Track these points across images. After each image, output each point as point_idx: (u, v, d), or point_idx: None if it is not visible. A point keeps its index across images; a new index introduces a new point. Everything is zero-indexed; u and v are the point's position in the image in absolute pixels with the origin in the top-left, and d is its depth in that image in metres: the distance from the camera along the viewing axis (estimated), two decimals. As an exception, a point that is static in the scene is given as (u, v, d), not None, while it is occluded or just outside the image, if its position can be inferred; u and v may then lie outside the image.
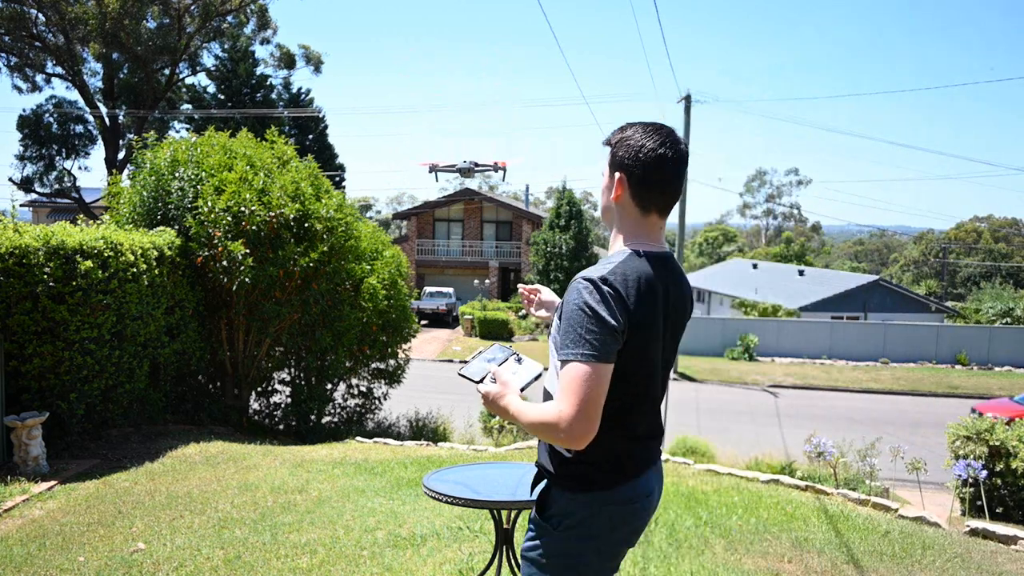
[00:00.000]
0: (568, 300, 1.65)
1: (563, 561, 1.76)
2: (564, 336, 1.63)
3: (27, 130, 27.68)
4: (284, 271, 8.08)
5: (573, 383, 1.59)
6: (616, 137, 1.78)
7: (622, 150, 1.76)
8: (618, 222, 1.80)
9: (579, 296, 1.63)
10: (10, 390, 5.91)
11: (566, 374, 1.61)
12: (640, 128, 1.77)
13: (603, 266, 1.69)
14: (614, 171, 1.77)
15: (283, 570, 3.70)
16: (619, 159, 1.76)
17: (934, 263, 55.91)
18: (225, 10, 28.57)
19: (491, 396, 1.79)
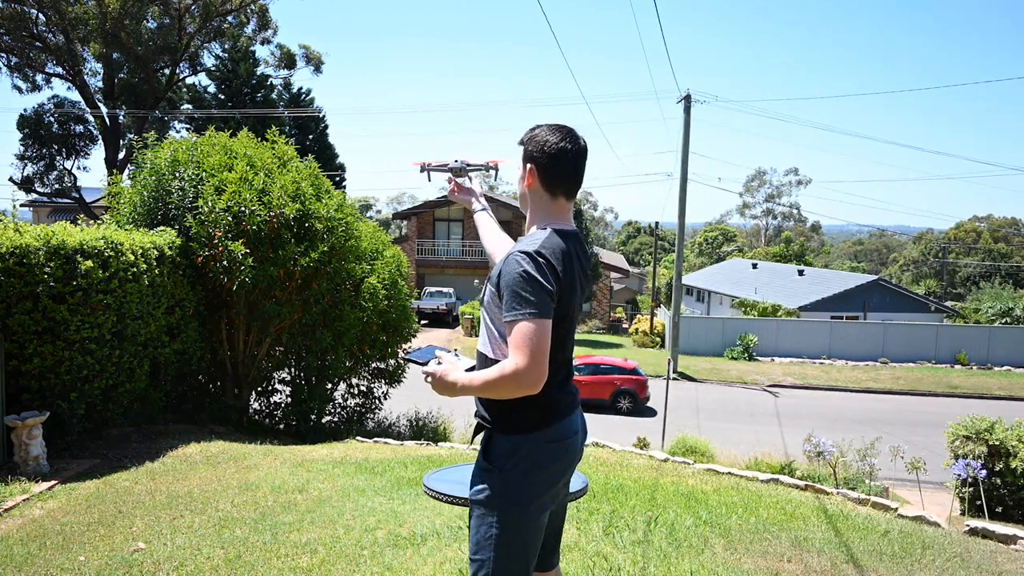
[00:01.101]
0: (508, 271, 1.92)
1: (510, 498, 1.99)
2: (510, 300, 1.90)
3: (27, 130, 27.66)
4: (284, 271, 8.08)
5: (524, 338, 1.86)
6: (527, 136, 2.10)
7: (531, 145, 2.08)
8: (532, 206, 2.11)
9: (519, 266, 1.91)
10: (10, 390, 5.91)
11: (517, 331, 1.87)
12: (546, 127, 2.09)
13: (533, 242, 1.97)
14: (526, 163, 2.09)
15: (283, 570, 3.71)
16: (529, 153, 2.09)
17: (934, 263, 55.90)
18: (225, 10, 28.58)
19: (438, 374, 2.00)
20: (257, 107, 30.75)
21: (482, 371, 1.98)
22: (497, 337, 2.03)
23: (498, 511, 1.99)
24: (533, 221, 2.11)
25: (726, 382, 21.34)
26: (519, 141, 2.13)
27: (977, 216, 65.25)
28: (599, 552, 4.01)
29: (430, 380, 2.02)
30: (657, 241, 35.56)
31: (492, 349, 2.04)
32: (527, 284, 1.89)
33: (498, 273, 1.98)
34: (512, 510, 1.99)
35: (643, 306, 39.98)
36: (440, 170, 2.61)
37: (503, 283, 1.94)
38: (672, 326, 23.50)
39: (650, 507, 5.12)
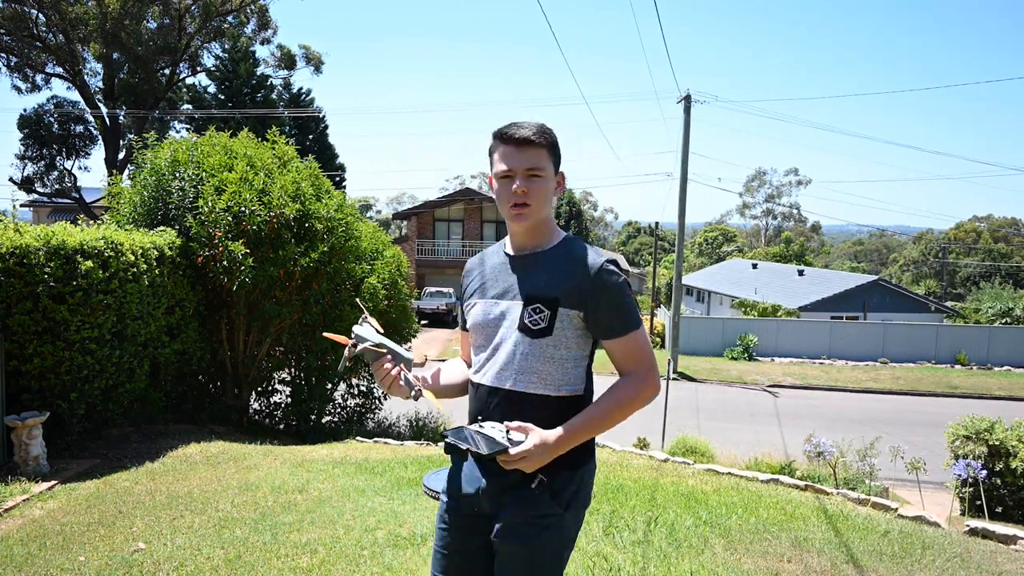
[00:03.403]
0: (607, 284, 1.82)
1: (572, 539, 1.87)
2: (623, 313, 1.84)
3: (27, 130, 27.67)
4: (284, 271, 8.08)
5: (646, 345, 1.88)
6: (552, 136, 1.88)
7: (558, 149, 1.91)
8: (550, 212, 1.94)
9: (618, 276, 1.84)
10: (10, 390, 5.91)
11: (640, 342, 1.86)
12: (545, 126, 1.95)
13: (600, 252, 1.91)
14: (556, 166, 1.91)
15: (283, 570, 3.71)
16: (559, 155, 1.93)
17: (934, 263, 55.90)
18: (225, 10, 28.58)
19: (534, 448, 1.72)
20: (257, 107, 30.74)
21: (602, 403, 1.82)
22: (570, 364, 1.84)
23: (564, 558, 1.84)
24: (552, 224, 1.95)
25: (726, 382, 21.34)
26: (546, 141, 1.85)
27: (977, 216, 65.27)
28: (599, 552, 4.01)
29: (524, 461, 1.72)
30: (657, 241, 35.57)
31: (557, 384, 1.83)
32: (630, 293, 1.87)
33: (582, 291, 1.81)
34: (568, 551, 1.86)
35: (643, 306, 39.98)
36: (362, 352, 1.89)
37: (604, 299, 1.81)
38: (672, 326, 23.50)
39: (650, 507, 5.12)
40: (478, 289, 1.97)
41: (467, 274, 2.06)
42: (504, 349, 1.85)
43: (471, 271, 2.04)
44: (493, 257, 2.00)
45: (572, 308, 1.81)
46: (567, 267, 1.84)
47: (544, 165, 1.83)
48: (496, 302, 1.90)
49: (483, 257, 2.05)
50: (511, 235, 1.97)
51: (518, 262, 1.91)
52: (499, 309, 1.88)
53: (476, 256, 2.10)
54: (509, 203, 1.82)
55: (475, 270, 2.03)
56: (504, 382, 1.83)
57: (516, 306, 1.85)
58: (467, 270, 2.07)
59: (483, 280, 1.97)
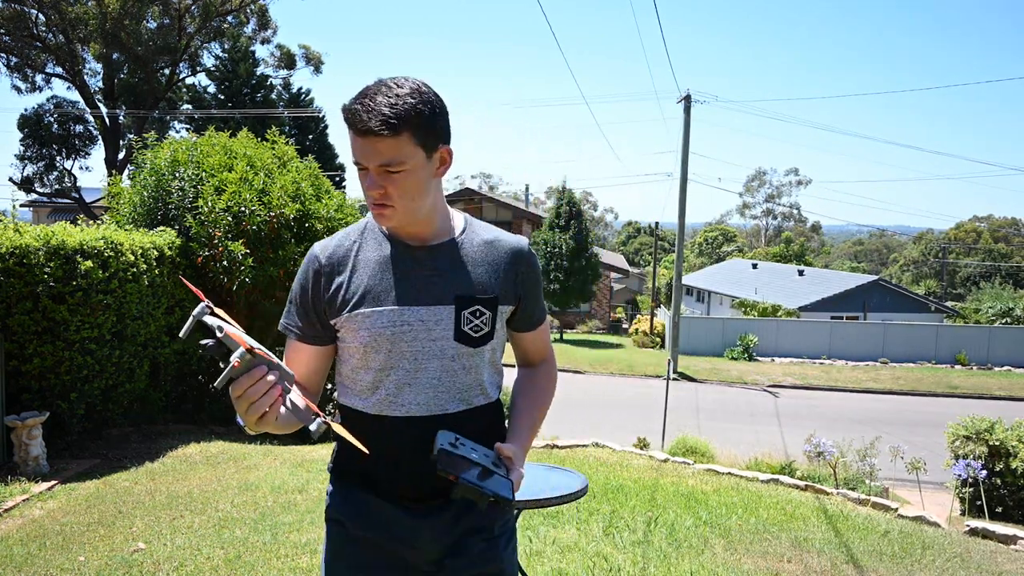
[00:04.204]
0: (533, 267, 1.63)
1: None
2: (540, 296, 1.67)
3: (27, 130, 27.67)
4: (284, 271, 8.08)
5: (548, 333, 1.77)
6: (427, 106, 1.40)
7: (443, 120, 1.44)
8: (437, 193, 1.51)
9: (537, 262, 1.68)
10: (10, 390, 5.91)
11: (547, 327, 1.74)
12: (423, 85, 1.44)
13: (509, 233, 1.68)
14: (437, 144, 1.44)
15: (283, 570, 3.70)
16: (443, 130, 1.45)
17: (934, 263, 55.90)
18: (225, 10, 28.59)
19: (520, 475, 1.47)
20: (257, 107, 30.75)
21: (535, 404, 1.65)
22: (499, 363, 1.63)
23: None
24: (442, 208, 1.55)
25: (726, 382, 21.34)
26: (403, 126, 1.36)
27: (977, 216, 65.28)
28: (599, 552, 4.01)
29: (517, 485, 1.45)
30: (657, 241, 35.57)
31: (493, 388, 1.60)
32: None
33: (516, 284, 1.58)
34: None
35: (643, 306, 39.98)
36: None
37: (534, 289, 1.63)
38: (672, 326, 23.50)
39: (650, 507, 5.11)
40: (365, 292, 1.48)
41: (325, 268, 1.52)
42: (432, 366, 1.48)
43: (334, 264, 1.52)
44: (371, 247, 1.53)
45: (507, 304, 1.56)
46: (493, 257, 1.56)
47: (402, 157, 1.38)
48: (409, 308, 1.47)
49: (345, 246, 1.54)
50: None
51: (423, 255, 1.51)
52: (416, 317, 1.47)
53: (328, 243, 1.56)
54: (369, 201, 1.45)
55: (342, 265, 1.52)
56: (445, 406, 1.49)
57: (443, 311, 1.48)
58: (325, 262, 1.53)
59: (368, 279, 1.49)
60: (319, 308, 1.53)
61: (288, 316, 1.61)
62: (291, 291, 1.60)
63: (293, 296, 1.59)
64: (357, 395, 1.54)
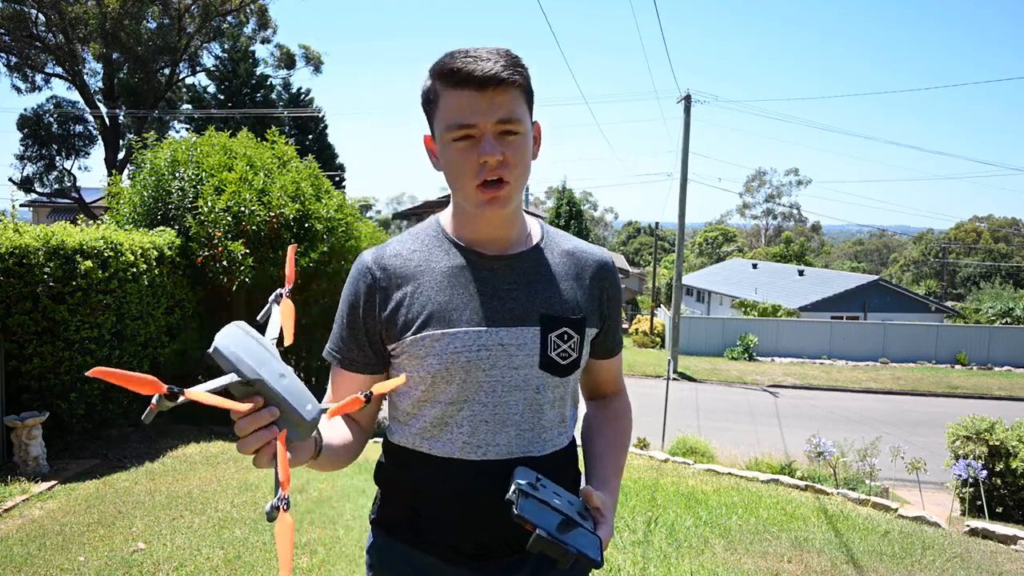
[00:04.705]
0: (619, 283, 1.41)
1: None
2: (620, 319, 1.43)
3: (27, 130, 27.68)
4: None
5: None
6: (522, 64, 1.20)
7: (530, 83, 1.22)
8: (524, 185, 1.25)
9: (619, 277, 1.42)
10: (10, 390, 5.91)
11: (622, 356, 1.50)
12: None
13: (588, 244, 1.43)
14: (530, 107, 1.23)
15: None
16: (531, 93, 1.23)
17: (934, 263, 55.92)
18: (225, 10, 28.58)
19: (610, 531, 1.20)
20: (257, 107, 30.75)
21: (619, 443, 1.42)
22: (578, 393, 1.42)
23: None
24: (522, 203, 1.31)
25: (726, 382, 21.34)
26: (521, 76, 1.17)
27: (977, 216, 65.28)
28: (599, 552, 4.00)
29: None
30: (657, 241, 35.58)
31: (573, 422, 1.38)
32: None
33: (602, 303, 1.35)
34: None
35: (643, 306, 39.98)
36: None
37: (618, 310, 1.40)
38: (672, 326, 23.50)
39: (650, 507, 5.11)
40: (433, 311, 1.23)
41: (381, 282, 1.27)
42: (514, 399, 1.23)
43: (391, 276, 1.27)
44: (437, 255, 1.28)
45: (593, 327, 1.33)
46: (576, 271, 1.33)
47: (521, 116, 1.17)
48: (488, 330, 1.22)
49: (404, 254, 1.29)
50: (469, 224, 1.27)
51: (502, 266, 1.27)
52: (495, 340, 1.22)
53: (382, 250, 1.31)
54: (475, 180, 1.16)
55: (401, 277, 1.26)
56: (528, 447, 1.24)
57: (526, 334, 1.23)
58: (380, 275, 1.27)
59: (436, 294, 1.24)
60: (373, 330, 1.28)
61: (333, 340, 1.36)
62: (338, 309, 1.35)
63: (340, 316, 1.34)
64: (419, 434, 1.27)
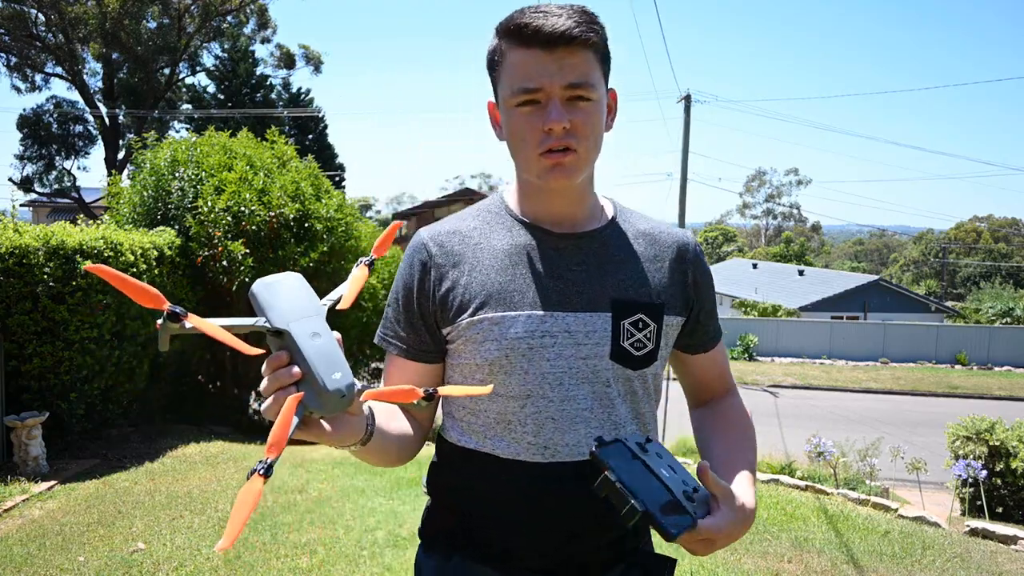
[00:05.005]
0: (706, 266, 1.26)
1: None
2: (715, 306, 1.29)
3: (27, 130, 27.69)
4: (284, 271, 8.09)
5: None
6: (598, 23, 1.07)
7: (605, 45, 1.09)
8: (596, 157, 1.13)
9: (706, 260, 1.28)
10: (10, 390, 5.90)
11: (725, 349, 1.34)
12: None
13: (666, 223, 1.28)
14: (606, 74, 1.10)
15: (283, 570, 3.70)
16: (607, 55, 1.10)
17: (934, 263, 55.93)
18: (225, 10, 28.58)
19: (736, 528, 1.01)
20: (257, 107, 30.76)
21: (745, 442, 1.22)
22: (659, 390, 1.24)
23: None
24: (593, 179, 1.20)
25: (726, 382, 21.34)
26: (596, 36, 1.05)
27: (977, 216, 65.28)
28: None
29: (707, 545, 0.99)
30: (657, 241, 35.55)
31: (653, 421, 1.22)
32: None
33: (686, 287, 1.21)
34: None
35: (643, 306, 39.92)
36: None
37: (708, 295, 1.26)
38: (672, 326, 23.50)
39: (650, 507, 5.10)
40: (491, 292, 1.11)
41: (437, 259, 1.15)
42: (582, 394, 1.10)
43: (448, 253, 1.15)
44: (499, 233, 1.17)
45: (675, 314, 1.19)
46: (654, 252, 1.19)
47: (595, 80, 1.05)
48: (552, 314, 1.10)
49: (464, 231, 1.18)
50: (534, 199, 1.16)
51: (569, 245, 1.15)
52: (560, 326, 1.10)
53: (439, 227, 1.20)
54: (539, 148, 1.05)
55: (459, 255, 1.15)
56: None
57: (596, 320, 1.11)
58: (436, 251, 1.16)
59: (496, 274, 1.13)
60: (428, 312, 1.16)
61: (386, 323, 1.22)
62: (391, 290, 1.22)
63: (394, 296, 1.20)
64: (479, 432, 1.14)
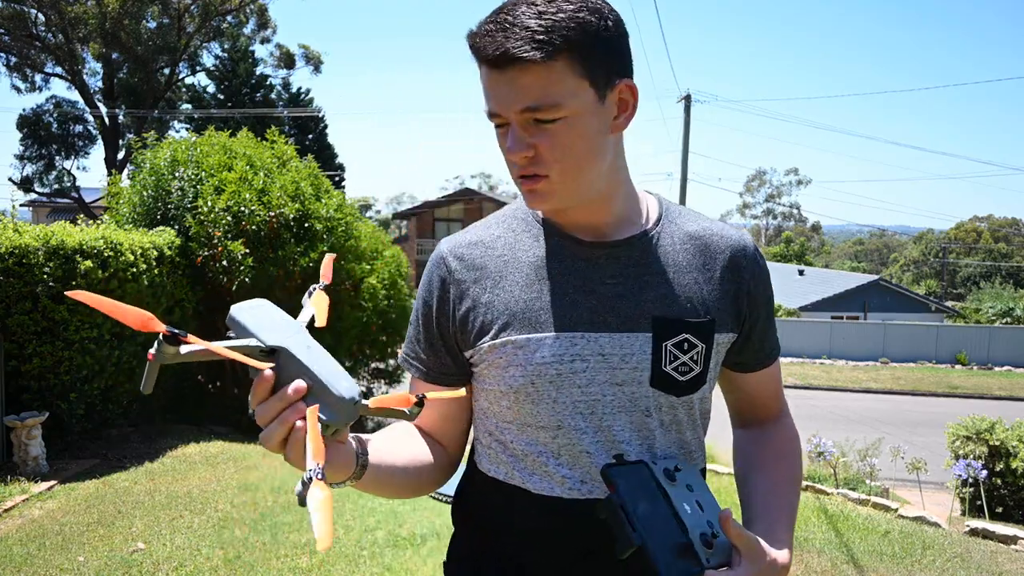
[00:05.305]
0: (765, 273, 1.11)
1: None
2: (773, 319, 1.14)
3: (27, 130, 27.69)
4: (284, 271, 8.08)
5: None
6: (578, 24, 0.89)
7: (622, 40, 0.95)
8: (616, 159, 1.01)
9: (766, 265, 1.12)
10: (10, 390, 5.90)
11: (779, 367, 1.22)
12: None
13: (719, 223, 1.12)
14: (616, 78, 0.94)
15: (283, 570, 3.70)
16: (622, 53, 0.95)
17: (934, 263, 55.93)
18: (225, 10, 28.59)
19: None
20: (257, 107, 30.76)
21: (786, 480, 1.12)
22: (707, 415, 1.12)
23: None
24: (627, 184, 1.05)
25: (726, 382, 21.36)
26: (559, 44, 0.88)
27: (977, 216, 65.28)
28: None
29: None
30: (657, 241, 35.55)
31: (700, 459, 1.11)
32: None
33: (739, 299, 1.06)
34: None
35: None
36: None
37: (765, 306, 1.10)
38: (672, 326, 23.51)
39: (650, 507, 5.10)
40: (515, 311, 1.00)
41: (457, 274, 1.05)
42: (620, 424, 0.99)
43: (469, 268, 1.05)
44: (525, 244, 1.05)
45: (726, 331, 1.05)
46: (704, 259, 1.05)
47: (559, 96, 0.89)
48: (583, 336, 0.98)
49: (487, 241, 1.07)
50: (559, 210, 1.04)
51: (602, 255, 1.02)
52: (593, 348, 0.98)
53: (460, 238, 1.10)
54: (514, 171, 0.97)
55: (481, 269, 1.04)
56: None
57: (634, 341, 0.98)
58: (457, 266, 1.05)
59: (521, 291, 1.01)
60: (448, 334, 1.05)
61: (408, 343, 1.12)
62: (413, 307, 1.11)
63: (415, 315, 1.10)
64: (505, 463, 1.04)
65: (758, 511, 1.05)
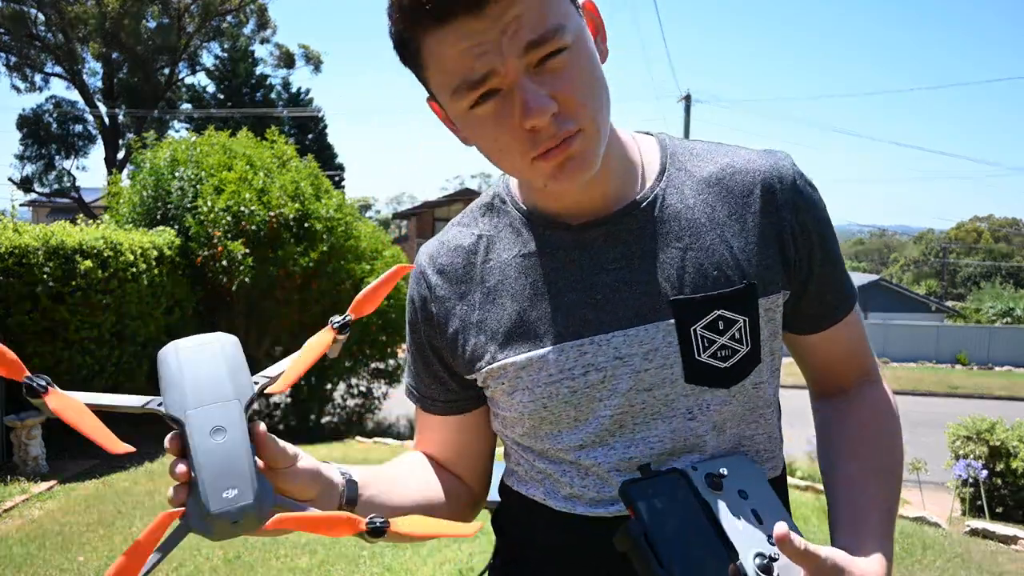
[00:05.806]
0: (816, 201, 0.86)
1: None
2: (837, 256, 0.90)
3: (26, 130, 27.70)
4: (284, 271, 8.08)
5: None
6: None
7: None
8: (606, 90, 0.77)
9: (816, 190, 0.88)
10: (10, 390, 5.90)
11: (859, 316, 0.97)
12: None
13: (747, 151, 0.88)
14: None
15: (282, 570, 3.70)
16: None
17: (934, 263, 55.95)
18: (225, 10, 28.60)
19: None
20: (256, 107, 30.77)
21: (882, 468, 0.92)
22: (774, 406, 0.95)
23: None
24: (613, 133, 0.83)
25: (726, 382, 21.36)
26: None
27: (978, 216, 65.33)
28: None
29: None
30: (657, 241, 35.58)
31: (767, 455, 0.94)
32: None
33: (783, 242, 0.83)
34: None
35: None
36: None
37: (816, 238, 0.85)
38: (672, 326, 23.52)
39: (650, 507, 5.10)
40: (511, 326, 0.84)
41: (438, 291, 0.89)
42: (657, 433, 0.82)
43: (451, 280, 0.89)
44: (507, 241, 0.87)
45: (775, 289, 0.83)
46: (731, 207, 0.83)
47: (559, 16, 0.69)
48: (592, 341, 0.81)
49: (466, 245, 0.89)
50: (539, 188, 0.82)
51: (596, 238, 0.83)
52: (607, 355, 0.80)
53: (438, 244, 0.92)
54: (529, 153, 0.73)
55: (463, 281, 0.88)
56: None
57: (654, 334, 0.80)
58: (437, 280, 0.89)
59: (511, 301, 0.85)
60: (444, 359, 0.90)
61: (408, 372, 0.97)
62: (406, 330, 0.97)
63: (408, 340, 0.96)
64: (531, 482, 0.90)
65: (842, 514, 0.86)
